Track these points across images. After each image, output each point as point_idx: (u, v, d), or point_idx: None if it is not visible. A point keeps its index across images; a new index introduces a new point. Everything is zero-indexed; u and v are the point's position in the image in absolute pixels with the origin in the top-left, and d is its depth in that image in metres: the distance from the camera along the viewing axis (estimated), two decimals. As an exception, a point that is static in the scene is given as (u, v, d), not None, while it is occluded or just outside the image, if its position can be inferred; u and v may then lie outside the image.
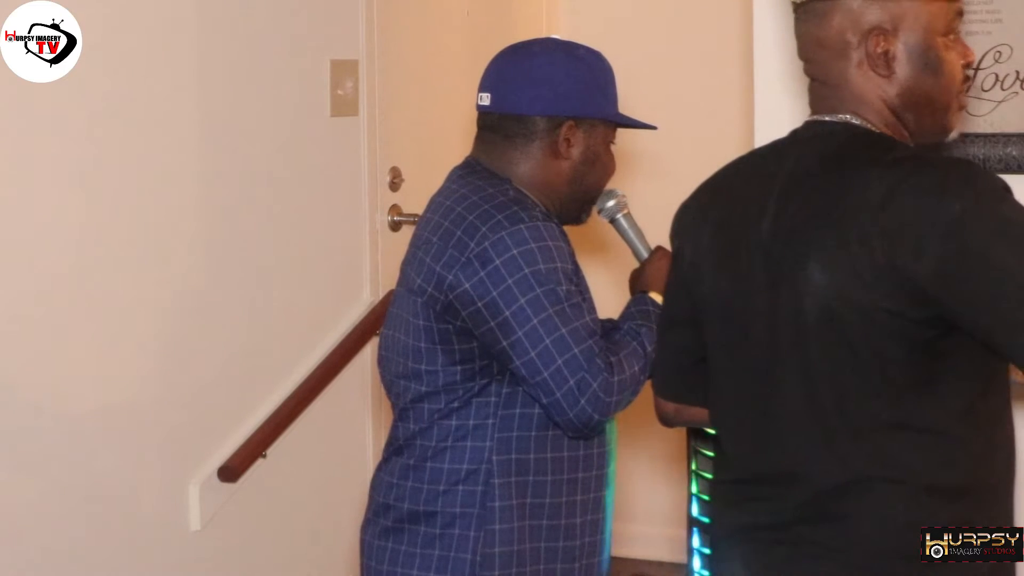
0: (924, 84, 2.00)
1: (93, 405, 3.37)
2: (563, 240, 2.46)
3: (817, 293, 1.90)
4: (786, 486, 1.97)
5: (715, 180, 2.15)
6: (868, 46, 1.98)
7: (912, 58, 1.99)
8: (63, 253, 3.31)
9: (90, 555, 3.37)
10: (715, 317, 2.08)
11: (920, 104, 2.01)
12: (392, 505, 2.52)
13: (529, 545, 2.47)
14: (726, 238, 2.05)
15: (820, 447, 1.94)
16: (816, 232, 1.92)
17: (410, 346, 2.49)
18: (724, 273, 2.05)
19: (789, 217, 1.97)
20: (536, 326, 2.38)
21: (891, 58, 1.98)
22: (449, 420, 2.47)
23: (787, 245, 1.95)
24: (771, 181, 2.01)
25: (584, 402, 2.38)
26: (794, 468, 1.96)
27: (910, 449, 1.91)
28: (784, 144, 2.07)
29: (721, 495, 2.13)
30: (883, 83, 1.99)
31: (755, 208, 2.01)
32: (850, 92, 2.00)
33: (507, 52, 2.59)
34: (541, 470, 2.47)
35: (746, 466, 2.04)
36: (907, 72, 1.99)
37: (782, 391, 1.97)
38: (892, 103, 2.00)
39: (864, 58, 1.99)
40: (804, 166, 1.99)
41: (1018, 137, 2.91)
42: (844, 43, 1.99)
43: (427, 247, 2.47)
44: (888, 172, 1.89)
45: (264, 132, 3.83)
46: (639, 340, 2.50)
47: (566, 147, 2.53)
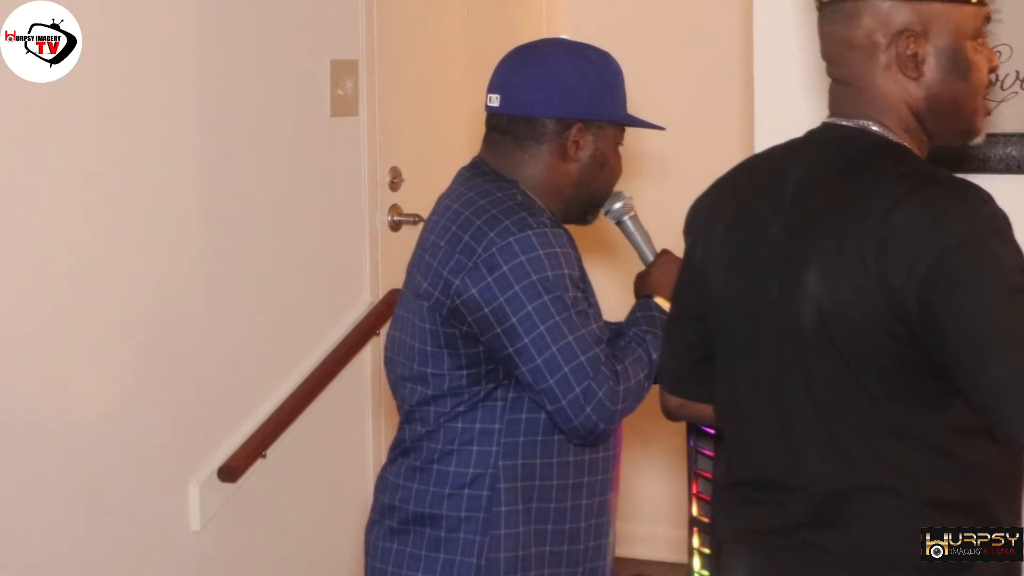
0: (952, 88, 1.99)
1: (93, 405, 3.37)
2: (571, 246, 2.45)
3: (814, 300, 1.90)
4: (790, 491, 1.97)
5: (727, 179, 2.14)
6: (898, 48, 1.97)
7: (941, 61, 1.98)
8: (63, 253, 3.31)
9: (90, 555, 3.37)
10: (724, 317, 2.07)
11: (946, 108, 2.00)
12: (397, 506, 2.52)
13: (535, 549, 2.47)
14: (737, 238, 2.05)
15: (823, 453, 1.93)
16: (819, 238, 1.91)
17: (416, 349, 2.49)
18: (734, 273, 2.04)
19: (798, 219, 1.96)
20: (543, 333, 2.37)
21: (920, 60, 1.97)
22: (455, 423, 2.47)
23: (793, 248, 1.95)
24: (783, 182, 2.01)
25: (589, 410, 2.38)
26: (798, 473, 1.96)
27: (909, 460, 1.90)
28: (798, 145, 2.06)
29: (724, 499, 2.13)
30: (910, 86, 1.98)
31: (767, 208, 2.01)
32: (874, 94, 1.99)
33: (517, 53, 2.58)
34: (547, 474, 2.47)
35: (750, 469, 2.04)
36: (936, 75, 1.98)
37: (786, 396, 1.97)
38: (917, 106, 1.99)
39: (893, 60, 1.97)
40: (816, 169, 1.99)
41: (1018, 137, 2.91)
42: (872, 44, 1.98)
43: (434, 251, 2.46)
44: (895, 185, 1.89)
45: (264, 132, 3.83)
46: (644, 347, 2.49)
47: (575, 149, 2.52)
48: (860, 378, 1.89)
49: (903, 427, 1.90)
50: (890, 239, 1.84)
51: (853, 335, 1.87)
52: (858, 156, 1.96)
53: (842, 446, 1.92)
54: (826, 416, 1.93)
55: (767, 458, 2.00)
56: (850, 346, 1.88)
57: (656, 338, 2.51)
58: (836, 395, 1.91)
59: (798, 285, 1.92)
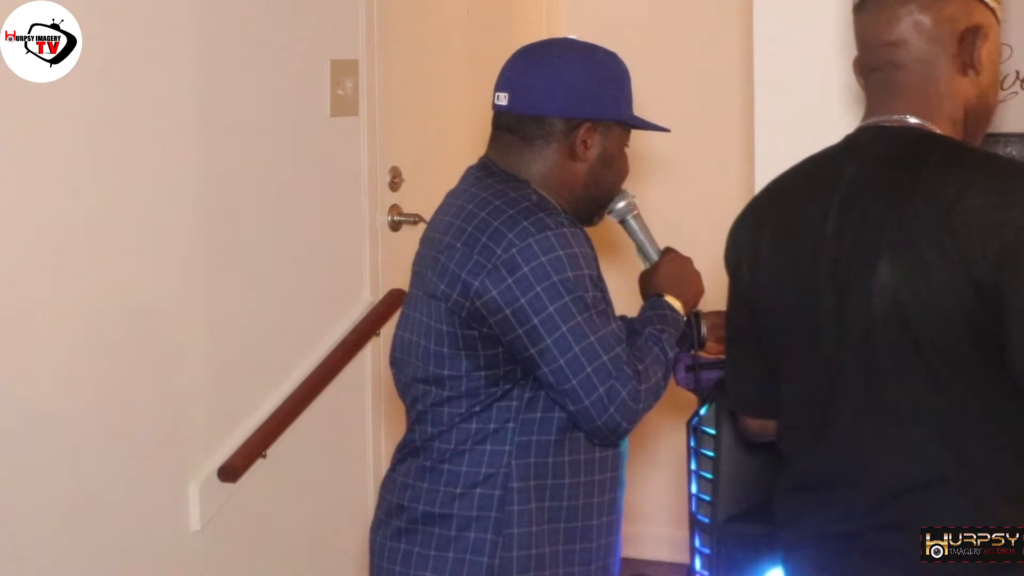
0: (991, 90, 2.04)
1: (93, 405, 3.37)
2: (588, 246, 2.44)
3: (887, 293, 1.91)
4: (853, 491, 1.97)
5: (768, 193, 2.15)
6: (965, 44, 1.99)
7: (990, 64, 2.03)
8: (62, 253, 3.31)
9: (90, 555, 3.37)
10: (780, 327, 2.08)
11: (984, 109, 2.04)
12: (406, 506, 2.51)
13: (548, 548, 2.46)
14: (787, 247, 2.06)
15: (890, 450, 1.94)
16: (886, 234, 1.92)
17: (431, 351, 2.47)
18: (788, 282, 2.05)
19: (855, 221, 1.97)
20: (565, 334, 2.37)
21: (979, 60, 2.00)
22: (469, 424, 2.46)
23: (855, 248, 1.96)
24: (832, 187, 2.02)
25: (613, 410, 2.38)
26: (863, 471, 1.96)
27: (979, 453, 1.91)
28: (840, 150, 2.07)
29: (787, 503, 2.12)
30: (966, 83, 2.01)
31: (816, 214, 2.02)
32: (926, 86, 2.01)
33: (525, 52, 2.57)
34: (559, 473, 2.47)
35: (812, 471, 2.04)
36: (987, 78, 2.03)
37: (848, 396, 1.97)
38: (969, 104, 2.02)
39: (956, 55, 2.00)
40: (871, 170, 1.99)
41: (1018, 137, 2.91)
42: (941, 36, 2.00)
43: (450, 252, 2.44)
44: (958, 173, 1.91)
45: (264, 132, 3.83)
46: (660, 346, 2.49)
47: (583, 149, 2.51)
48: (935, 368, 1.90)
49: (975, 418, 1.90)
50: (963, 224, 1.86)
51: (932, 323, 1.89)
52: (912, 151, 1.98)
53: (910, 441, 1.93)
54: (890, 413, 1.93)
55: (832, 458, 2.01)
56: (928, 334, 1.89)
57: (671, 336, 2.52)
58: (906, 390, 1.92)
59: (865, 282, 1.93)
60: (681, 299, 2.61)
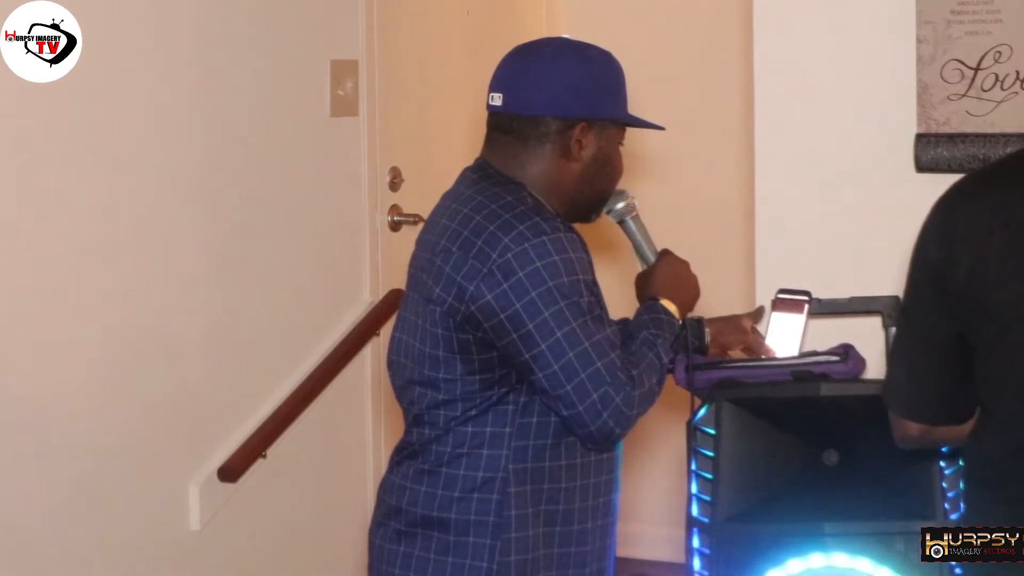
0: None
1: (93, 405, 3.37)
2: (584, 251, 2.44)
3: None
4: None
5: (983, 183, 2.05)
6: None
7: None
8: (62, 253, 3.31)
9: (90, 555, 3.37)
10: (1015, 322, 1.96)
11: None
12: (405, 509, 2.51)
13: (543, 552, 2.46)
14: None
15: None
16: None
17: (426, 354, 2.47)
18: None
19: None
20: (559, 339, 2.36)
21: None
22: (466, 427, 2.46)
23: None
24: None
25: (607, 416, 2.37)
26: None
27: None
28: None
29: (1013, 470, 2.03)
30: None
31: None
32: None
33: (519, 52, 2.56)
34: (556, 477, 2.47)
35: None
36: None
37: None
38: None
39: None
40: None
41: (1018, 137, 2.91)
42: None
43: (446, 256, 2.44)
44: None
45: (264, 132, 3.83)
46: (655, 352, 2.49)
47: (578, 149, 2.50)
48: None
49: None
50: None
51: None
52: None
53: None
54: None
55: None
56: None
57: (666, 341, 2.51)
58: None
59: None
60: (677, 302, 2.61)
